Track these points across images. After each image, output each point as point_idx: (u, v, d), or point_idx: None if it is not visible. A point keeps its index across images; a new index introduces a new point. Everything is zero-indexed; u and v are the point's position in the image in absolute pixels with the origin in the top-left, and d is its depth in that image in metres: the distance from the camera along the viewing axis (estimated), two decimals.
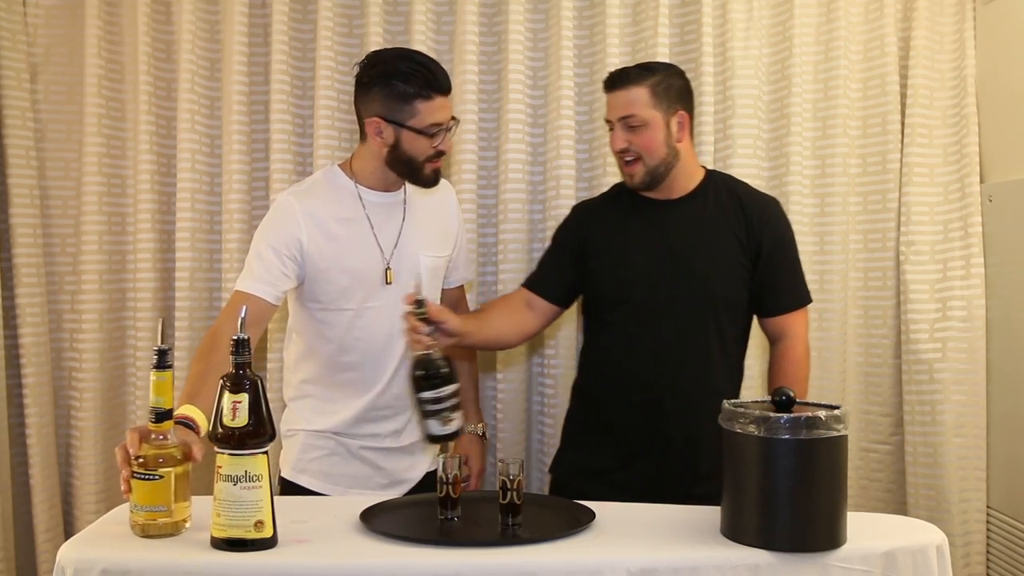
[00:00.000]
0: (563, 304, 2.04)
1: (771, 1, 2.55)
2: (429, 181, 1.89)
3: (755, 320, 2.02)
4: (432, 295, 2.02)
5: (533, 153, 2.52)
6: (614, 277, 1.94)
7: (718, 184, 1.98)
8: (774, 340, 1.99)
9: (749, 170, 2.49)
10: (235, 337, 1.36)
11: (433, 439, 1.68)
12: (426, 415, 1.65)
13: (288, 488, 1.95)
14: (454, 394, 1.65)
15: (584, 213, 2.06)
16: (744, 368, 2.03)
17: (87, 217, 2.49)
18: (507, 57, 2.48)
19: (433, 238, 1.99)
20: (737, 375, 2.01)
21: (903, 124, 2.51)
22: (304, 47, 2.52)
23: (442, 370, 1.64)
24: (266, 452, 1.35)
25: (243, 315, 1.44)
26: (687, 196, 1.95)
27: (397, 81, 1.78)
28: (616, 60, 2.46)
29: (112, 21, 2.52)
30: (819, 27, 2.53)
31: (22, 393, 2.44)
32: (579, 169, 2.52)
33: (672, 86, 1.90)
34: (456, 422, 1.67)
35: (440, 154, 1.86)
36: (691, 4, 2.51)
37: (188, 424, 1.54)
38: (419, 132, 1.81)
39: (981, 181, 2.48)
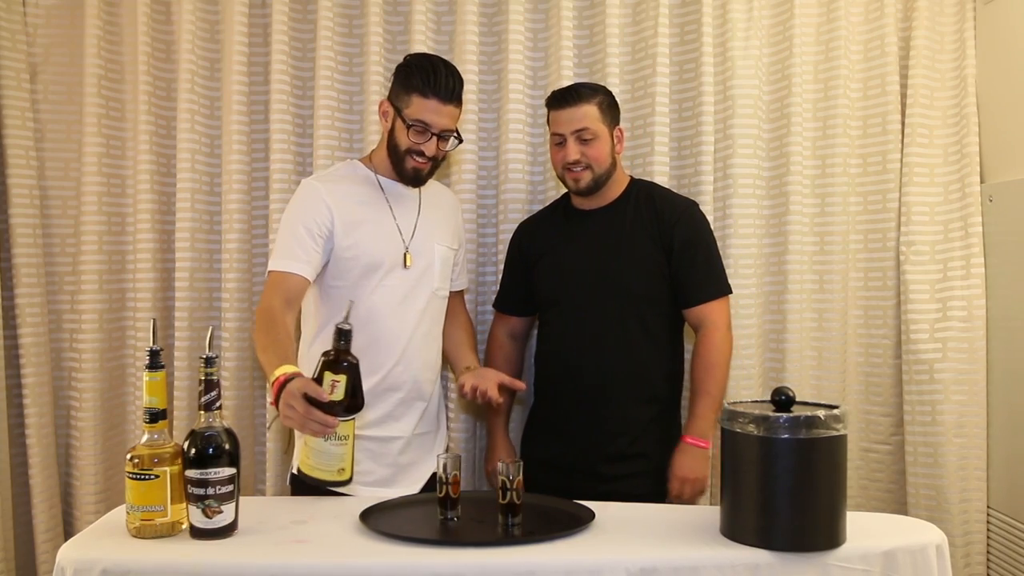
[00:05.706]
0: (533, 313, 2.31)
1: (771, 1, 2.55)
2: (408, 177, 2.01)
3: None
4: (442, 284, 2.08)
5: (533, 153, 2.52)
6: (548, 282, 2.21)
7: (639, 191, 2.20)
8: (695, 328, 2.17)
9: (749, 170, 2.49)
10: (338, 327, 1.60)
11: (194, 532, 1.44)
12: (190, 499, 1.43)
13: (298, 485, 1.91)
14: (229, 480, 1.44)
15: (523, 229, 2.33)
16: (683, 351, 2.22)
17: (87, 217, 2.49)
18: (507, 57, 2.48)
19: (446, 230, 2.12)
20: (671, 357, 2.19)
21: (903, 124, 2.51)
22: (304, 47, 2.52)
23: (223, 446, 1.44)
24: (354, 418, 1.63)
25: (348, 308, 1.68)
26: (610, 204, 2.18)
27: (409, 72, 1.94)
28: (616, 60, 2.47)
29: (112, 21, 2.53)
30: (819, 27, 2.53)
31: (22, 393, 2.44)
32: None
33: (612, 105, 2.15)
34: (225, 515, 1.44)
35: (422, 154, 1.95)
36: (691, 4, 2.51)
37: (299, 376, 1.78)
38: (405, 122, 1.93)
39: (981, 181, 2.48)
